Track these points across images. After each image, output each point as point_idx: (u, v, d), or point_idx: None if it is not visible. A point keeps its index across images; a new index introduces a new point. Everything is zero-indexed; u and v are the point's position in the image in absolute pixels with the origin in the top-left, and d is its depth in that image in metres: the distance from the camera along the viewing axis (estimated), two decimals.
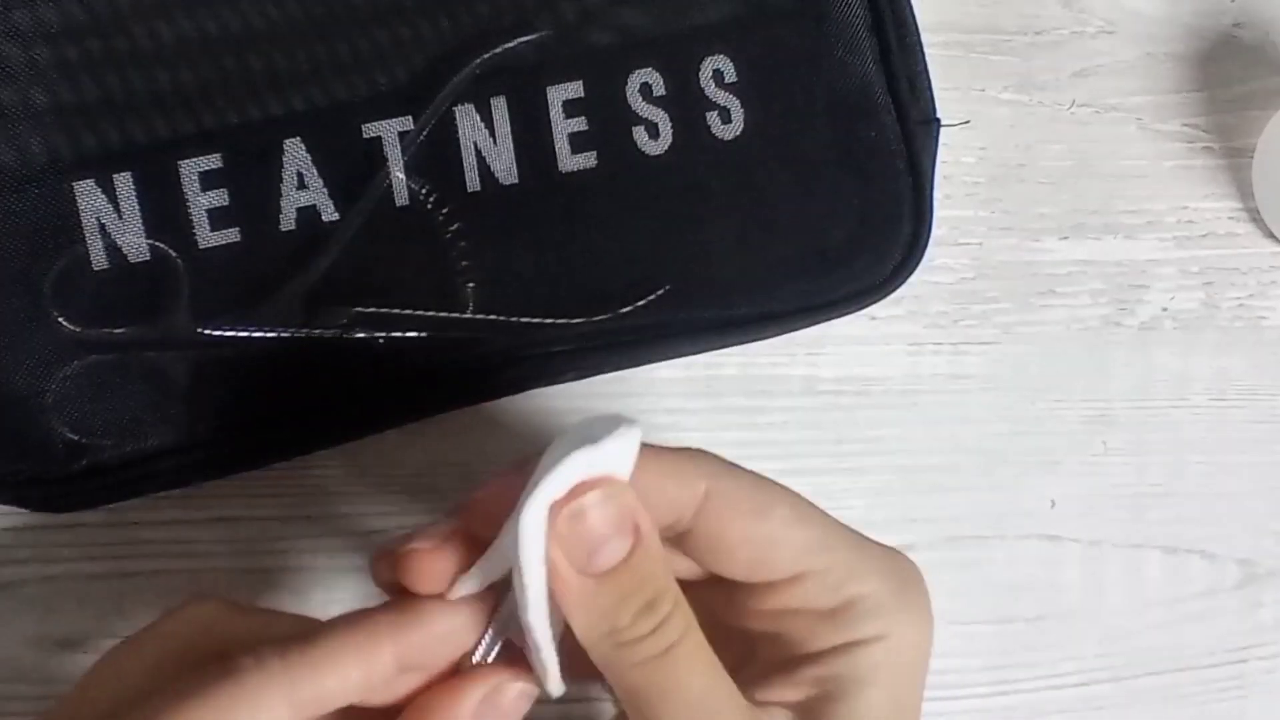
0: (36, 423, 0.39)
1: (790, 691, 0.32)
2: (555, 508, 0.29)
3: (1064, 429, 0.46)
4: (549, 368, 0.41)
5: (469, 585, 0.31)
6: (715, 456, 0.33)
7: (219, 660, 0.29)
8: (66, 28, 0.38)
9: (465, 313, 0.40)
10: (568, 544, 0.29)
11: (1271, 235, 0.47)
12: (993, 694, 0.46)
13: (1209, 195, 0.47)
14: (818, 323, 0.43)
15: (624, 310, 0.41)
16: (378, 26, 0.39)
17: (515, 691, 0.31)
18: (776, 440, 0.44)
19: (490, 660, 0.31)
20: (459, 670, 0.31)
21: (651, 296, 0.41)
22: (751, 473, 0.33)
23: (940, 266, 0.45)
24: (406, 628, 0.30)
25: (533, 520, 0.29)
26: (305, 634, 0.30)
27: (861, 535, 0.33)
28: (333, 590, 0.42)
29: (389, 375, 0.40)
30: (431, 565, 0.31)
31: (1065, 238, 0.46)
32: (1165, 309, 0.47)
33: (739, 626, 0.34)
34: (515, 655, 0.31)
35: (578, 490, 0.29)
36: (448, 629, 0.31)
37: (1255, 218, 0.47)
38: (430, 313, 0.40)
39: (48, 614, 0.41)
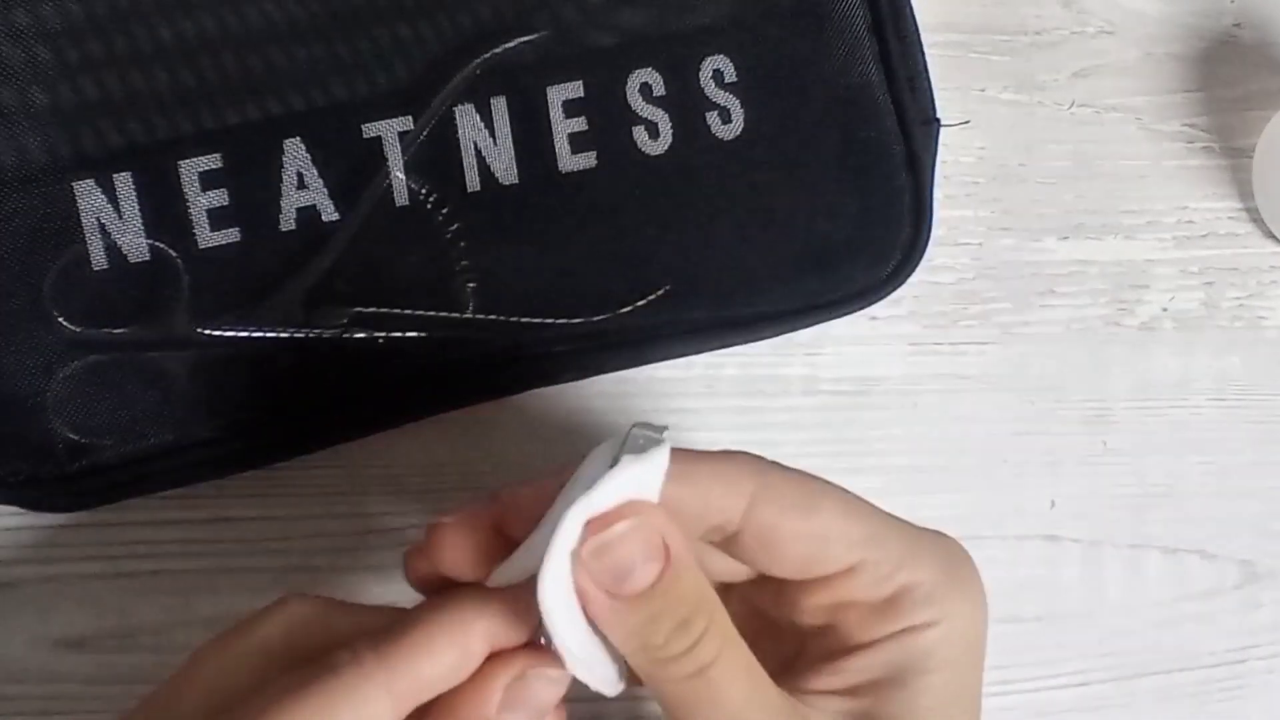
0: (36, 423, 0.39)
1: (842, 679, 0.32)
2: (589, 527, 0.29)
3: (1064, 429, 0.46)
4: (549, 368, 0.41)
5: (507, 576, 0.31)
6: (758, 457, 0.33)
7: (317, 658, 0.29)
8: (66, 28, 0.38)
9: (465, 313, 0.40)
10: (596, 572, 0.29)
11: (1271, 235, 0.47)
12: (993, 694, 0.46)
13: (1209, 195, 0.47)
14: (818, 323, 0.43)
15: (624, 310, 0.41)
16: (378, 26, 0.39)
17: (543, 679, 0.31)
18: (776, 440, 0.44)
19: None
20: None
21: (651, 296, 0.41)
22: (796, 470, 0.33)
23: (940, 266, 0.45)
24: (493, 608, 0.30)
25: (562, 548, 0.29)
26: (397, 625, 0.30)
27: (908, 523, 0.33)
28: (332, 591, 0.42)
29: (389, 375, 0.40)
30: (465, 540, 0.31)
31: (1065, 238, 0.46)
32: (1165, 309, 0.47)
33: (789, 622, 0.34)
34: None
35: (608, 517, 0.29)
36: (528, 608, 0.30)
37: (1255, 218, 0.47)
38: (430, 313, 0.40)
39: (48, 614, 0.41)
